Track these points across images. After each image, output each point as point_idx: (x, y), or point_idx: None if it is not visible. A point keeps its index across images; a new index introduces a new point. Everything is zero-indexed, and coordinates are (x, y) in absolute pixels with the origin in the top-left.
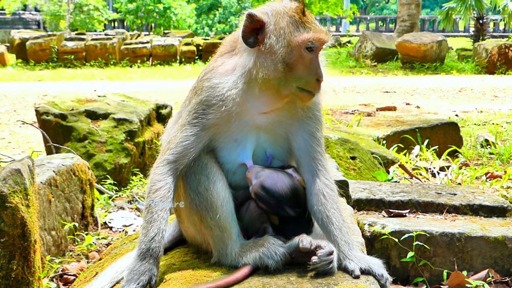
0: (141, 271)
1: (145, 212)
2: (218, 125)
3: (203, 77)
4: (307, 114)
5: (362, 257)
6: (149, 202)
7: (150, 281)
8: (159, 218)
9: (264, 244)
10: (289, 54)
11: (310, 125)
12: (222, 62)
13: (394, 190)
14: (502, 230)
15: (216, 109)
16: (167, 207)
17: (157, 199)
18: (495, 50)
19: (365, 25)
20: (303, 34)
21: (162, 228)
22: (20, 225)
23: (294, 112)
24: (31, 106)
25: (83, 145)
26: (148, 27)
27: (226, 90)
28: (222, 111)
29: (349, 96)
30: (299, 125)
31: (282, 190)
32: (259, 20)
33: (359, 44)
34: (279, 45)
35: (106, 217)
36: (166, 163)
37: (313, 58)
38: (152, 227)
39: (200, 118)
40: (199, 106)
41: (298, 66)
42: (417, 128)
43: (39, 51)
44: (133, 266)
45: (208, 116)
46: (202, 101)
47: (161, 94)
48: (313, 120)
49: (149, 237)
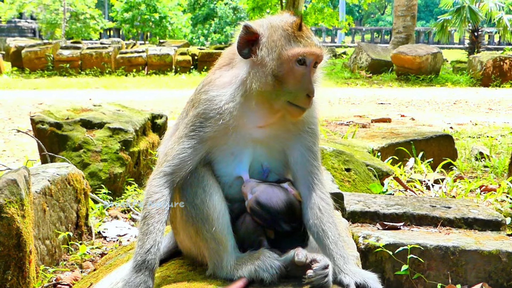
0: (136, 283)
1: (141, 223)
2: (215, 138)
3: (201, 89)
4: (304, 128)
5: (357, 271)
6: (145, 214)
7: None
8: (155, 230)
9: (259, 257)
10: (279, 67)
11: (306, 139)
12: (220, 75)
13: (388, 202)
14: (496, 244)
15: (213, 122)
16: (163, 219)
17: (153, 211)
18: (490, 62)
19: (361, 36)
20: (294, 48)
21: (158, 240)
22: (15, 235)
23: (290, 126)
24: (26, 114)
25: (78, 154)
26: (143, 36)
27: (224, 103)
28: (220, 124)
29: (344, 108)
30: (296, 139)
31: (277, 205)
32: (254, 32)
33: (354, 56)
34: (269, 57)
35: (100, 227)
36: (163, 175)
37: (305, 73)
38: (148, 239)
39: (198, 131)
40: (196, 119)
41: (289, 80)
42: (412, 141)
43: (34, 59)
44: (128, 278)
45: (206, 129)
46: (199, 114)
47: (156, 103)
48: (309, 134)
49: (144, 249)
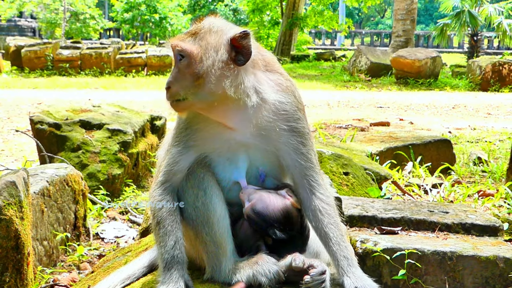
0: (173, 280)
1: (156, 229)
2: (199, 146)
3: None
4: (283, 125)
5: (360, 276)
6: (157, 220)
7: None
8: (173, 229)
9: (258, 261)
10: None
11: (291, 139)
12: None
13: (386, 207)
14: (493, 250)
15: (190, 132)
16: (177, 219)
17: (164, 214)
18: (489, 67)
19: (360, 40)
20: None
21: (180, 236)
22: (14, 237)
23: (267, 126)
24: (25, 114)
25: (76, 155)
26: (143, 37)
27: (187, 115)
28: (196, 133)
29: (343, 111)
30: (282, 141)
31: (273, 214)
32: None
33: (354, 59)
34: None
35: (98, 228)
36: (160, 185)
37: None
38: (170, 237)
39: (181, 140)
40: (178, 131)
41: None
42: (410, 145)
43: (34, 58)
44: (162, 279)
45: (186, 137)
46: (179, 127)
47: (155, 104)
48: (293, 134)
49: (169, 246)
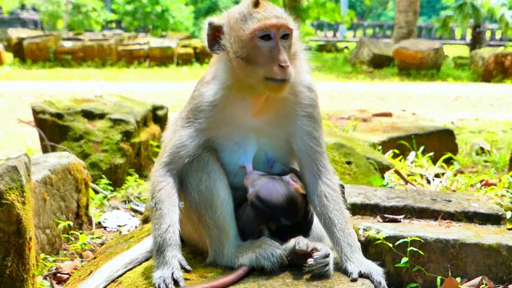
0: (166, 261)
1: (153, 211)
2: (211, 129)
3: (195, 87)
4: (300, 111)
5: (363, 261)
6: (155, 201)
7: (182, 265)
8: (169, 212)
9: (261, 245)
10: (243, 49)
11: (306, 124)
12: (210, 72)
13: (389, 195)
14: (496, 238)
15: (205, 114)
16: (175, 203)
17: (163, 196)
18: (491, 58)
19: (362, 31)
20: (250, 26)
21: (175, 220)
22: (15, 222)
23: (288, 112)
24: (27, 105)
25: (79, 145)
26: (145, 29)
27: (211, 96)
28: (211, 116)
29: (345, 101)
30: (296, 125)
31: (277, 200)
32: (217, 26)
33: (356, 50)
34: (232, 43)
35: (100, 217)
36: (164, 166)
37: (273, 46)
38: (164, 220)
39: (192, 122)
40: (190, 113)
41: (258, 58)
42: (413, 135)
43: (36, 50)
44: (156, 263)
45: (199, 120)
46: (192, 109)
47: (157, 95)
48: (308, 119)
49: (163, 230)
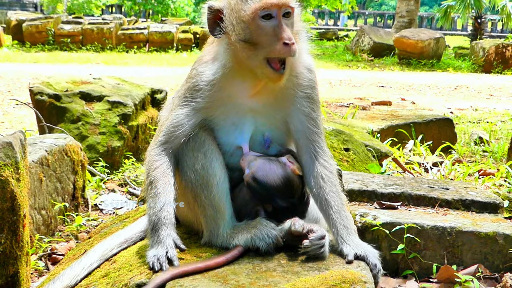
0: (161, 240)
1: (148, 190)
2: (208, 108)
3: (192, 67)
4: (298, 92)
5: (359, 243)
6: (150, 180)
7: (176, 244)
8: (164, 191)
9: (256, 226)
10: (245, 30)
11: (304, 105)
12: (208, 52)
13: (386, 182)
14: (493, 226)
15: (203, 93)
16: (170, 182)
17: (158, 175)
18: (492, 49)
19: (363, 20)
20: (251, 6)
21: (170, 199)
22: (9, 198)
23: (287, 94)
24: (25, 87)
25: (76, 127)
26: (145, 14)
27: (210, 75)
28: (209, 95)
29: (345, 90)
30: (294, 106)
31: (273, 182)
32: (218, 9)
33: (357, 38)
34: (233, 25)
35: (97, 199)
36: (160, 145)
37: (276, 25)
38: (159, 199)
39: (189, 101)
40: (188, 92)
41: (260, 38)
42: (412, 123)
43: (35, 33)
44: (151, 242)
45: (197, 99)
46: (189, 88)
47: (156, 80)
48: (306, 100)
49: (157, 208)
